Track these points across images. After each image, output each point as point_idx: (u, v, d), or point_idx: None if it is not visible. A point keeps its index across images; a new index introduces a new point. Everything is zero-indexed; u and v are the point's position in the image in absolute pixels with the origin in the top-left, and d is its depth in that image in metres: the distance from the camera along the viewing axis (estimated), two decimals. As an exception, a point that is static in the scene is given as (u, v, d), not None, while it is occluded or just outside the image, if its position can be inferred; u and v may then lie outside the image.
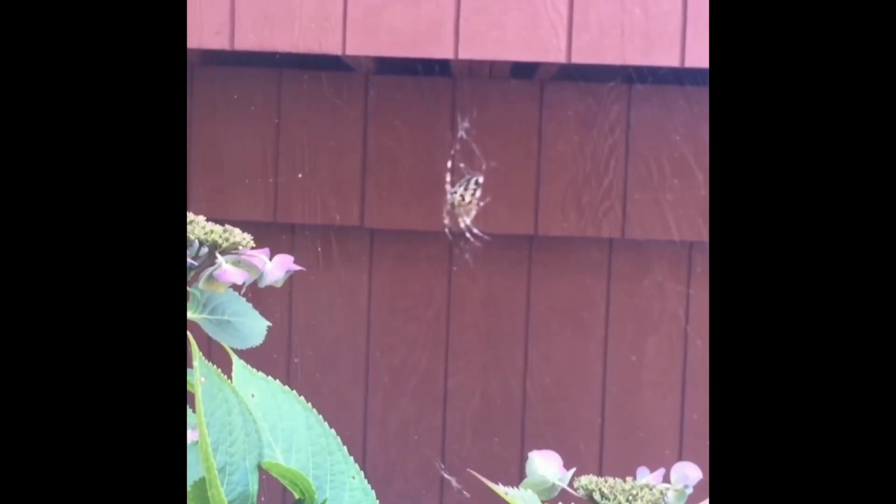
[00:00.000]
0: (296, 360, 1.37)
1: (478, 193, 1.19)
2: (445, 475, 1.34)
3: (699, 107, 1.30)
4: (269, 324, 0.59)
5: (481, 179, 1.19)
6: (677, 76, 1.28)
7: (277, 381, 0.42)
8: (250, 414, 0.39)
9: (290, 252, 1.46)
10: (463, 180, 1.20)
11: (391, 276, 1.37)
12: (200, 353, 0.38)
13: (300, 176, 1.34)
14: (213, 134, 1.35)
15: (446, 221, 1.24)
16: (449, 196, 1.20)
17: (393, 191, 1.34)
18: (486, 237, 1.26)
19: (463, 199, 1.18)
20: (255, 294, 0.61)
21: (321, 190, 1.34)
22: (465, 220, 1.20)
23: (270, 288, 0.61)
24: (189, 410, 0.61)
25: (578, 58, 1.02)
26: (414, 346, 1.38)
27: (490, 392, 1.38)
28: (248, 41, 1.03)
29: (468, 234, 1.23)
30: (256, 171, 1.35)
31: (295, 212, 1.35)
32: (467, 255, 1.31)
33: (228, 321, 0.58)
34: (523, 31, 1.02)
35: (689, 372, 1.36)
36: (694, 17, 1.01)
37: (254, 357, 0.55)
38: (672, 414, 1.36)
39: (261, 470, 0.39)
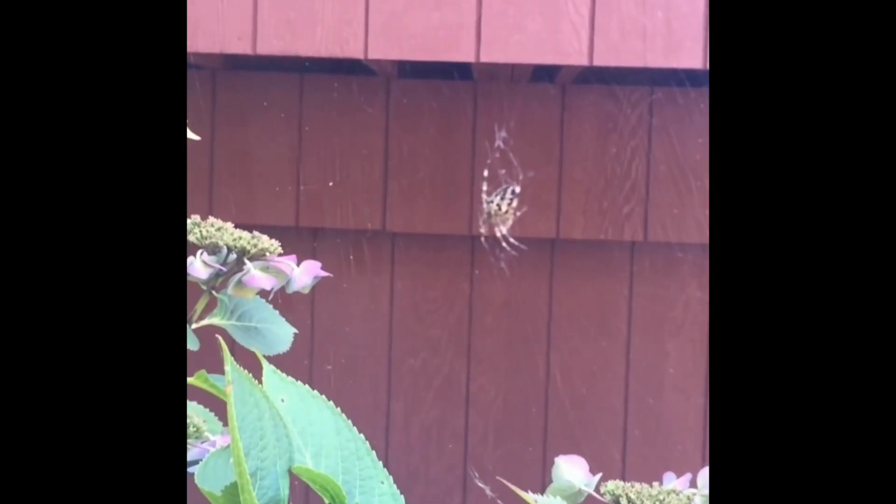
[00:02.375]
0: (328, 366, 1.38)
1: (514, 203, 1.19)
2: (480, 483, 1.34)
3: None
4: (296, 331, 0.59)
5: (518, 189, 1.20)
6: (699, 78, 1.27)
7: (306, 385, 0.42)
8: (281, 419, 0.39)
9: (312, 256, 1.47)
10: (500, 189, 1.21)
11: (413, 280, 1.37)
12: (232, 359, 0.38)
13: (331, 184, 1.34)
14: (235, 139, 1.35)
15: (483, 230, 1.24)
16: (485, 205, 1.21)
17: (415, 195, 1.34)
18: (522, 246, 1.26)
19: (500, 209, 1.19)
20: (278, 298, 0.61)
21: (343, 194, 1.35)
22: (502, 230, 1.20)
23: (293, 292, 0.61)
24: (212, 416, 0.62)
25: (600, 60, 1.02)
26: (436, 349, 1.38)
27: (512, 395, 1.38)
28: (270, 46, 1.04)
29: (504, 244, 1.23)
30: (279, 176, 1.35)
31: (317, 216, 1.35)
32: (503, 264, 1.32)
33: (256, 328, 0.59)
34: (544, 34, 1.02)
35: (712, 375, 1.35)
36: (716, 19, 1.00)
37: (277, 362, 0.55)
38: (696, 417, 1.36)
39: (290, 474, 0.39)
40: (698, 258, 1.34)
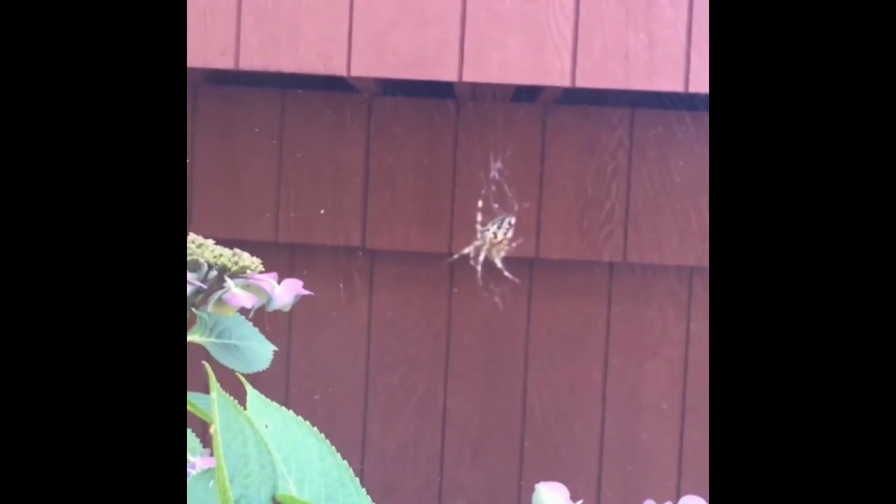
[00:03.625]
0: (306, 382, 1.37)
1: (510, 234, 1.21)
2: None
3: (702, 131, 1.31)
4: (276, 348, 0.59)
5: (514, 220, 1.22)
6: (681, 101, 1.28)
7: (291, 411, 0.42)
8: (265, 445, 0.39)
9: (290, 272, 1.46)
10: (497, 219, 1.22)
11: (392, 296, 1.37)
12: (218, 385, 0.38)
13: (322, 211, 1.34)
14: (216, 153, 1.35)
15: (472, 262, 1.25)
16: (479, 234, 1.22)
17: (395, 212, 1.34)
18: (517, 280, 1.26)
19: (495, 237, 1.20)
20: (255, 315, 0.61)
21: (323, 210, 1.34)
22: (497, 261, 1.22)
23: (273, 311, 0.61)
24: (191, 433, 0.61)
25: (582, 82, 1.03)
26: (413, 366, 1.38)
27: (489, 414, 1.38)
28: (253, 61, 1.04)
29: (506, 273, 1.24)
30: (259, 191, 1.35)
31: (296, 232, 1.35)
32: (497, 299, 1.32)
33: (235, 345, 0.58)
34: (528, 55, 1.02)
35: (689, 396, 1.36)
36: (698, 42, 1.01)
37: (253, 378, 0.55)
38: (672, 438, 1.36)
39: (275, 502, 0.39)
40: (676, 279, 1.34)
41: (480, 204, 1.26)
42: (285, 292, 0.60)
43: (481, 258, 1.22)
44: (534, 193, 1.33)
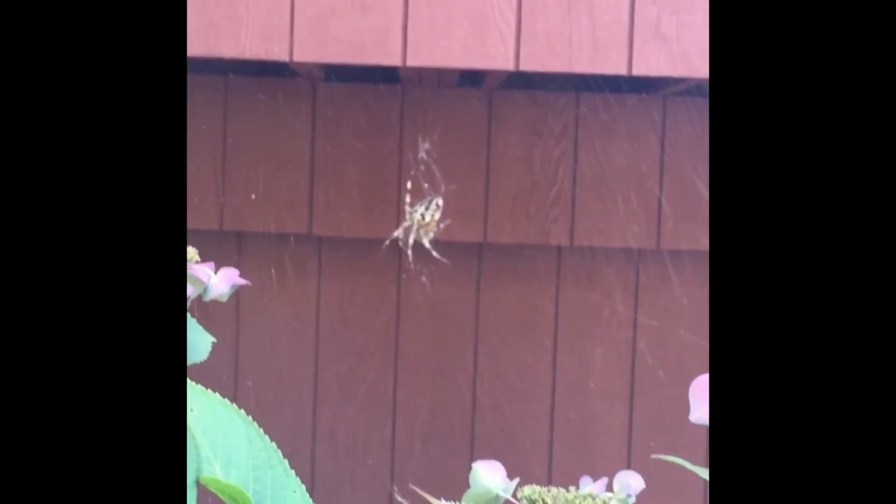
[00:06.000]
0: (246, 380, 1.36)
1: (437, 215, 1.20)
2: (400, 498, 1.33)
3: (647, 114, 1.31)
4: (214, 339, 0.58)
5: (441, 202, 1.21)
6: (625, 84, 1.28)
7: (217, 394, 0.42)
8: (189, 429, 0.39)
9: (236, 261, 1.44)
10: (424, 200, 1.22)
11: (339, 284, 1.37)
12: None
13: (253, 197, 1.33)
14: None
15: (401, 244, 1.24)
16: (408, 216, 1.21)
17: (341, 199, 1.34)
18: (445, 261, 1.26)
19: (423, 219, 1.20)
20: (200, 305, 0.60)
21: (268, 197, 1.33)
22: (425, 242, 1.21)
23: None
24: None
25: (526, 66, 1.03)
26: (362, 355, 1.37)
27: (439, 402, 1.38)
28: (194, 48, 1.02)
29: (434, 253, 1.23)
30: (202, 179, 1.33)
31: (242, 220, 1.34)
32: (424, 278, 1.31)
33: (172, 335, 0.58)
34: (471, 40, 1.02)
35: (637, 380, 1.37)
36: (641, 26, 1.01)
37: (200, 368, 0.54)
38: (620, 423, 1.37)
39: (199, 486, 0.39)
40: (624, 263, 1.35)
41: (409, 185, 1.26)
42: (222, 282, 0.60)
43: (411, 240, 1.22)
44: (481, 178, 1.33)
